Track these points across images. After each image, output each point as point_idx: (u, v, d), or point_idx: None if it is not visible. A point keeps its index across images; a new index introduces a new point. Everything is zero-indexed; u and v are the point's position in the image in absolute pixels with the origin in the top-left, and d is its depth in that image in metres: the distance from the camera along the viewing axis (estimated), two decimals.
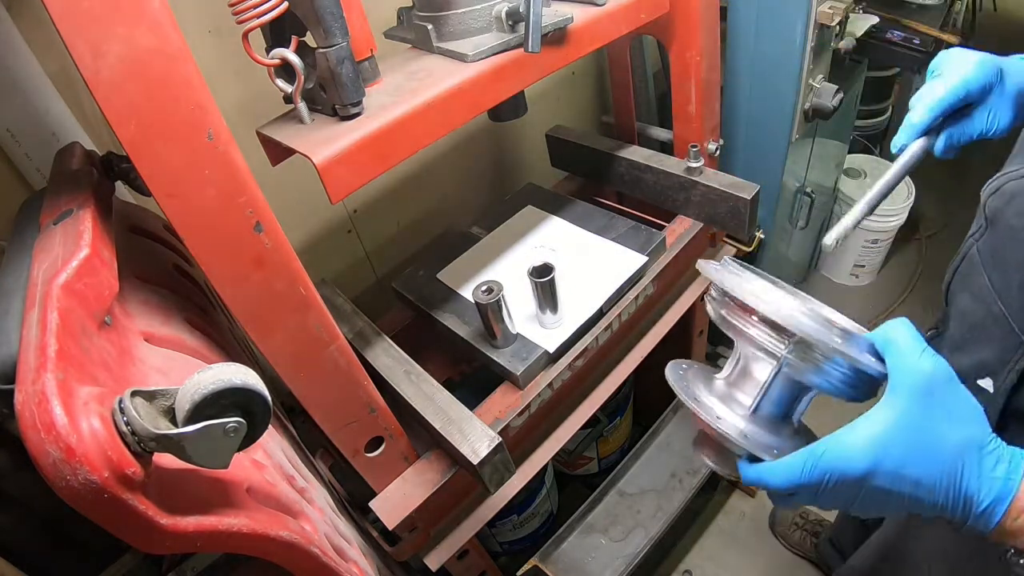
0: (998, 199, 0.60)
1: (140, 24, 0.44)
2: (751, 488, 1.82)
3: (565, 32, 0.80)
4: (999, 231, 0.57)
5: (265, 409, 0.44)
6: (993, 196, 0.60)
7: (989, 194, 0.61)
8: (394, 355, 0.93)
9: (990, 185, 0.61)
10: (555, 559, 1.33)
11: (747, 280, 0.54)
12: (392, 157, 0.69)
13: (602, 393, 1.08)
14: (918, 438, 0.45)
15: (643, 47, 1.51)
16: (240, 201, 0.53)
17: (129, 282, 0.62)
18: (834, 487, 0.46)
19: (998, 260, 0.60)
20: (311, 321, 0.63)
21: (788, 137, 1.46)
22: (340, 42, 0.62)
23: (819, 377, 0.51)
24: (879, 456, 0.45)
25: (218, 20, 0.95)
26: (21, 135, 0.82)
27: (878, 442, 0.45)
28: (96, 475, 0.35)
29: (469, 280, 1.11)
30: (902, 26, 1.67)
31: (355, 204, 1.29)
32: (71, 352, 0.41)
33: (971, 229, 0.68)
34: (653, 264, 1.11)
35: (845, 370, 0.50)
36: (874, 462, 0.45)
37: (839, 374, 0.50)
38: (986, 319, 0.57)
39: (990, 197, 0.61)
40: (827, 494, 0.47)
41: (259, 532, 0.48)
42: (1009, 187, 0.59)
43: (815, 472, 0.46)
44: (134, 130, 0.46)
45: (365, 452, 0.79)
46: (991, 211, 0.61)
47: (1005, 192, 0.60)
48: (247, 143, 0.63)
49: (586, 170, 1.39)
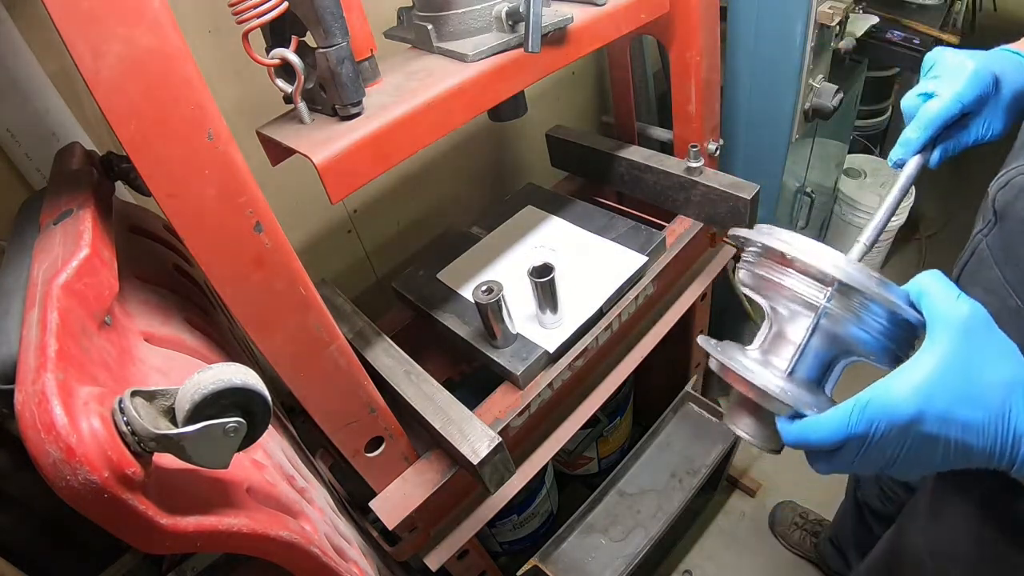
0: (1007, 193, 0.60)
1: (140, 24, 0.44)
2: (751, 488, 1.82)
3: (565, 32, 0.80)
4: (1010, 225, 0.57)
5: (265, 409, 0.44)
6: (1002, 191, 0.60)
7: (998, 189, 0.61)
8: (394, 355, 0.93)
9: (998, 180, 0.61)
10: (555, 559, 1.34)
11: (785, 234, 0.54)
12: (392, 157, 0.69)
13: (602, 393, 1.08)
14: (964, 380, 0.44)
15: (643, 47, 1.51)
16: (240, 201, 0.53)
17: (129, 282, 0.62)
18: (881, 438, 0.45)
19: (1010, 254, 0.60)
20: (311, 321, 0.63)
21: (788, 137, 1.46)
22: (340, 42, 0.62)
23: (858, 328, 0.50)
24: (926, 400, 0.43)
25: (218, 20, 0.95)
26: (21, 135, 0.82)
27: (924, 386, 0.44)
28: (96, 475, 0.35)
29: (469, 280, 1.11)
30: (902, 26, 1.67)
31: (355, 204, 1.29)
32: (71, 352, 0.41)
33: (977, 225, 0.68)
34: (653, 264, 1.11)
35: (884, 320, 0.49)
36: (922, 406, 0.43)
37: (878, 324, 0.50)
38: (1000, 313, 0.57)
39: (999, 192, 0.60)
40: (873, 448, 0.46)
41: (259, 532, 0.48)
42: (1018, 181, 0.59)
43: (862, 421, 0.45)
44: (134, 130, 0.46)
45: (365, 452, 0.79)
46: (1001, 206, 0.61)
47: (1014, 186, 0.59)
48: (247, 143, 0.63)
49: (586, 170, 1.39)
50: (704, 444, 1.51)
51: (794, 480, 1.84)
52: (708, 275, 1.26)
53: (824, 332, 0.52)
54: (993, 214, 0.62)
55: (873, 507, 1.29)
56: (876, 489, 1.25)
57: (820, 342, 0.53)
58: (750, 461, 1.91)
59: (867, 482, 1.28)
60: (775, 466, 1.89)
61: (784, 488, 1.83)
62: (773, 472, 1.88)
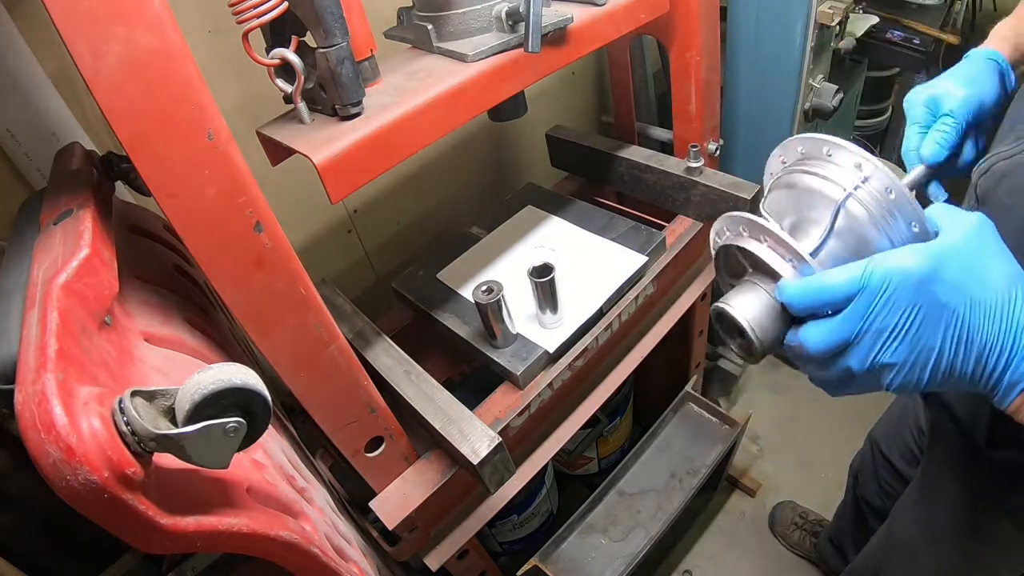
0: (989, 179, 0.61)
1: (140, 24, 0.44)
2: (751, 488, 1.82)
3: (565, 32, 0.80)
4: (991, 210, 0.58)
5: (265, 409, 0.44)
6: (984, 176, 0.62)
7: (980, 175, 0.62)
8: (394, 355, 0.93)
9: (980, 167, 0.62)
10: (555, 559, 1.34)
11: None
12: (392, 157, 0.69)
13: (602, 393, 1.09)
14: (973, 261, 0.45)
15: (643, 47, 1.51)
16: (240, 201, 0.53)
17: (129, 282, 0.62)
18: (894, 294, 0.44)
19: None
20: (311, 321, 0.63)
21: (788, 137, 1.46)
22: (340, 42, 0.62)
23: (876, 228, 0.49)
24: (940, 263, 0.44)
25: (218, 20, 0.95)
26: (21, 135, 0.82)
27: (938, 253, 0.45)
28: (96, 475, 0.35)
29: (469, 280, 1.11)
30: (902, 26, 1.67)
31: (355, 204, 1.29)
32: (71, 352, 0.41)
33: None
34: (653, 264, 1.11)
35: (903, 227, 0.49)
36: (936, 266, 0.44)
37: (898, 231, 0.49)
38: None
39: (981, 178, 0.62)
40: (882, 312, 0.45)
41: (259, 532, 0.48)
42: (999, 167, 0.60)
43: (876, 275, 0.44)
44: (134, 130, 0.46)
45: (365, 452, 0.79)
46: (982, 191, 0.62)
47: (995, 172, 0.61)
48: (247, 143, 0.63)
49: (586, 170, 1.39)
50: (704, 444, 1.51)
51: (794, 480, 1.84)
52: (708, 275, 1.26)
53: (844, 231, 0.50)
54: (976, 200, 0.64)
55: (872, 504, 1.29)
56: (875, 486, 1.25)
57: (839, 242, 0.51)
58: (750, 461, 1.91)
59: (866, 479, 1.29)
60: (775, 466, 1.89)
61: (784, 488, 1.84)
62: (773, 472, 1.88)
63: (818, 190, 0.52)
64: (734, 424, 1.51)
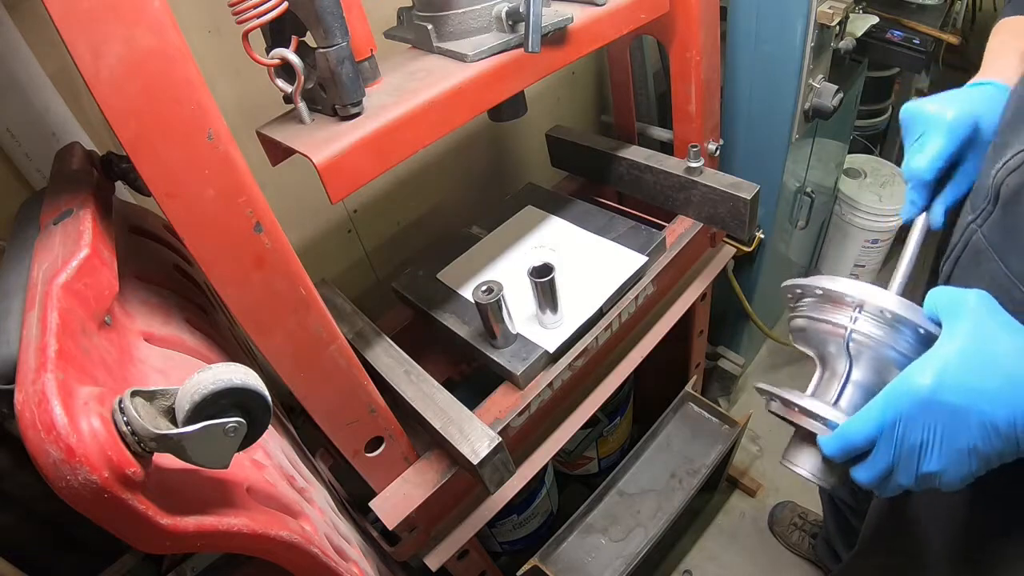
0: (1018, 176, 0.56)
1: (140, 24, 0.44)
2: (751, 488, 1.82)
3: (565, 32, 0.80)
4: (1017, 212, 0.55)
5: (265, 409, 0.44)
6: (1012, 174, 0.57)
7: (1007, 173, 0.57)
8: (394, 355, 0.93)
9: (1005, 165, 0.57)
10: (555, 559, 1.34)
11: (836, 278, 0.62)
12: (392, 157, 0.69)
13: (602, 393, 1.08)
14: (976, 352, 0.48)
15: (643, 47, 1.51)
16: (240, 201, 0.53)
17: (129, 282, 0.62)
18: (908, 419, 0.49)
19: (1017, 242, 0.57)
20: (311, 321, 0.63)
21: (788, 137, 1.46)
22: (340, 42, 0.62)
23: (889, 348, 0.56)
24: (941, 373, 0.48)
25: (218, 20, 0.95)
26: (21, 135, 0.82)
27: (938, 363, 0.48)
28: (96, 475, 0.35)
29: (469, 280, 1.11)
30: (902, 26, 1.67)
31: (355, 204, 1.29)
32: (71, 352, 0.41)
33: (966, 216, 0.65)
34: (653, 264, 1.11)
35: (911, 338, 0.55)
36: (938, 378, 0.47)
37: (906, 342, 0.56)
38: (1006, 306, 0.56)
39: (1009, 176, 0.57)
40: (905, 435, 0.49)
41: (259, 532, 0.48)
42: None
43: (888, 407, 0.49)
44: (134, 130, 0.46)
45: (365, 452, 0.79)
46: (1009, 190, 0.57)
47: None
48: (247, 143, 0.63)
49: (586, 170, 1.39)
50: (704, 444, 1.51)
51: (794, 480, 1.83)
52: (708, 275, 1.26)
53: (861, 358, 0.57)
54: (994, 201, 0.59)
55: (847, 502, 1.30)
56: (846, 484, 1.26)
57: (861, 372, 0.58)
58: (750, 461, 1.92)
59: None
60: (775, 466, 1.89)
61: (784, 488, 1.84)
62: (773, 472, 1.88)
63: (826, 331, 0.61)
64: (734, 424, 1.51)
